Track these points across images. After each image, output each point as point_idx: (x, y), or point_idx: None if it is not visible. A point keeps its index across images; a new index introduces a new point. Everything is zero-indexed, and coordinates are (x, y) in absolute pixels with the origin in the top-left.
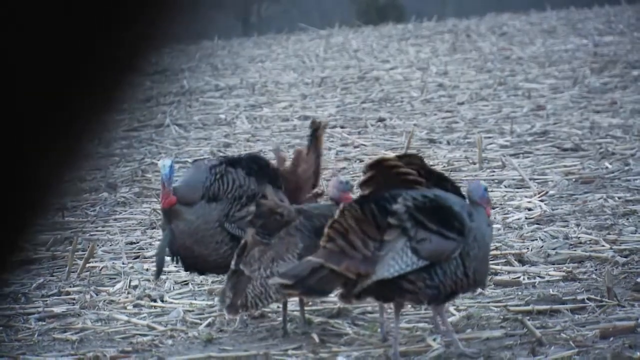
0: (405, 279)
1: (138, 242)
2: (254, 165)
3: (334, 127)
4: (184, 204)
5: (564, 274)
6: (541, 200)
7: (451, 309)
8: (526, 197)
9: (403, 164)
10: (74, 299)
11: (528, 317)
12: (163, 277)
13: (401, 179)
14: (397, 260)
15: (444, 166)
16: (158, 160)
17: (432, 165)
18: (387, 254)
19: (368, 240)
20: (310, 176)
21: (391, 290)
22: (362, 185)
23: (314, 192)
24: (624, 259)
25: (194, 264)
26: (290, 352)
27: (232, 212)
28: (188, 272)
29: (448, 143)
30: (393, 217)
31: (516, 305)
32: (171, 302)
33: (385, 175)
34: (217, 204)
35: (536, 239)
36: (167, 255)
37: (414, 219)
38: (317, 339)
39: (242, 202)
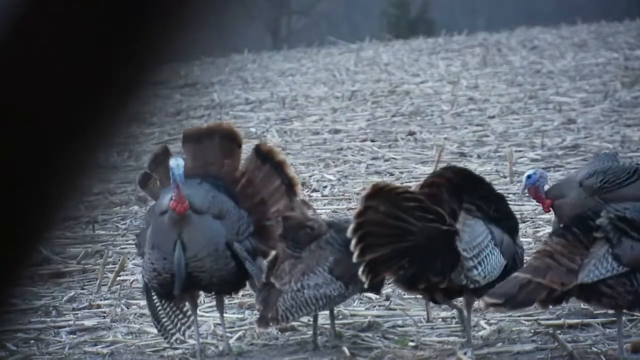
0: (605, 283)
1: None
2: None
3: (364, 140)
4: (194, 211)
5: None
6: None
7: (482, 322)
8: None
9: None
10: (104, 312)
11: (559, 331)
12: None
13: (403, 199)
14: (598, 266)
15: None
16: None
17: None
18: (590, 261)
19: (575, 256)
20: (274, 190)
21: (591, 294)
22: (360, 215)
23: (286, 205)
24: None
25: (199, 279)
26: None
27: (241, 231)
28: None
29: (479, 157)
30: (598, 231)
31: (547, 319)
32: (202, 316)
33: (389, 201)
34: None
35: None
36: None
37: (617, 228)
38: (347, 353)
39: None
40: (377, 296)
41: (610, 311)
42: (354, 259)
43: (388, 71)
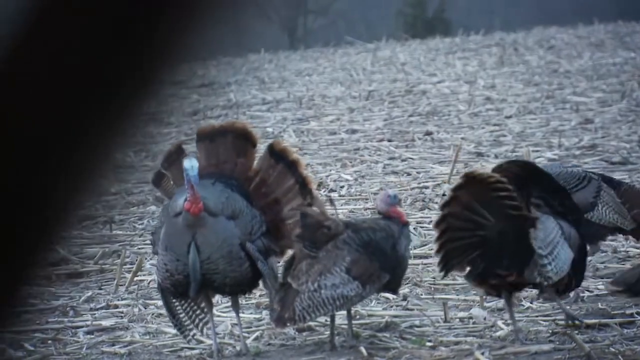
0: None
1: None
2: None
3: (381, 140)
4: (208, 213)
5: None
6: None
7: (499, 322)
8: None
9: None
10: (122, 312)
11: (577, 331)
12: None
13: (492, 189)
14: None
15: None
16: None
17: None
18: None
19: None
20: (287, 189)
21: None
22: (445, 206)
23: (301, 204)
24: None
25: (212, 281)
26: None
27: (254, 231)
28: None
29: (496, 157)
30: None
31: (565, 320)
32: (219, 316)
33: (473, 192)
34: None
35: None
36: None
37: None
38: (364, 353)
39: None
40: (395, 296)
41: (629, 311)
42: (434, 252)
43: (405, 71)
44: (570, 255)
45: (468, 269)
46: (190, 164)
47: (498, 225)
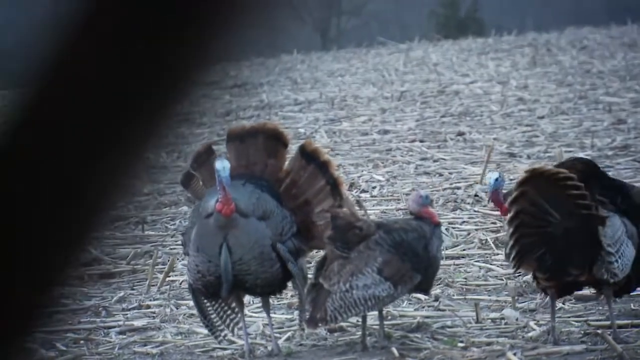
0: None
1: None
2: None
3: (413, 141)
4: (240, 214)
5: None
6: None
7: (531, 323)
8: None
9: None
10: (154, 313)
11: (609, 332)
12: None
13: (562, 186)
14: None
15: None
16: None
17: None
18: None
19: None
20: (318, 190)
21: None
22: (513, 203)
23: (332, 205)
24: None
25: (244, 281)
26: None
27: (285, 232)
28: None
29: (528, 157)
30: None
31: (597, 320)
32: (251, 316)
33: (541, 188)
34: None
35: None
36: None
37: None
38: (396, 354)
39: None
40: (426, 297)
41: None
42: (507, 249)
43: (437, 71)
44: (633, 254)
45: (539, 264)
46: (222, 165)
47: (565, 221)
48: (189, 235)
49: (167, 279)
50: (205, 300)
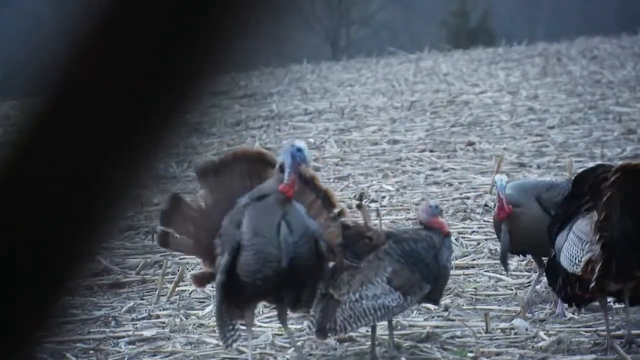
0: None
1: None
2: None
3: (423, 151)
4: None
5: None
6: None
7: (541, 333)
8: None
9: None
10: (163, 323)
11: (619, 342)
12: None
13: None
14: None
15: None
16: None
17: None
18: None
19: None
20: (309, 205)
21: None
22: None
23: (327, 217)
24: None
25: (297, 272)
26: None
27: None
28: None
29: (538, 167)
30: None
31: (613, 331)
32: (260, 326)
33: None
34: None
35: None
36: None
37: None
38: None
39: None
40: (436, 307)
41: None
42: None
43: (447, 81)
44: None
45: (602, 267)
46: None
47: (622, 223)
48: (230, 234)
49: (177, 288)
50: (225, 307)
